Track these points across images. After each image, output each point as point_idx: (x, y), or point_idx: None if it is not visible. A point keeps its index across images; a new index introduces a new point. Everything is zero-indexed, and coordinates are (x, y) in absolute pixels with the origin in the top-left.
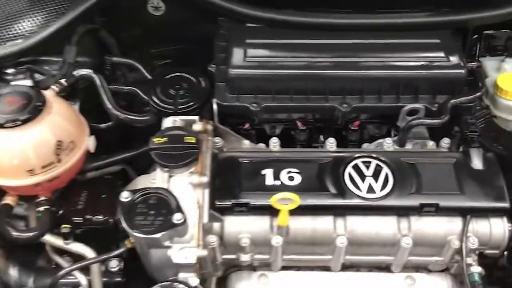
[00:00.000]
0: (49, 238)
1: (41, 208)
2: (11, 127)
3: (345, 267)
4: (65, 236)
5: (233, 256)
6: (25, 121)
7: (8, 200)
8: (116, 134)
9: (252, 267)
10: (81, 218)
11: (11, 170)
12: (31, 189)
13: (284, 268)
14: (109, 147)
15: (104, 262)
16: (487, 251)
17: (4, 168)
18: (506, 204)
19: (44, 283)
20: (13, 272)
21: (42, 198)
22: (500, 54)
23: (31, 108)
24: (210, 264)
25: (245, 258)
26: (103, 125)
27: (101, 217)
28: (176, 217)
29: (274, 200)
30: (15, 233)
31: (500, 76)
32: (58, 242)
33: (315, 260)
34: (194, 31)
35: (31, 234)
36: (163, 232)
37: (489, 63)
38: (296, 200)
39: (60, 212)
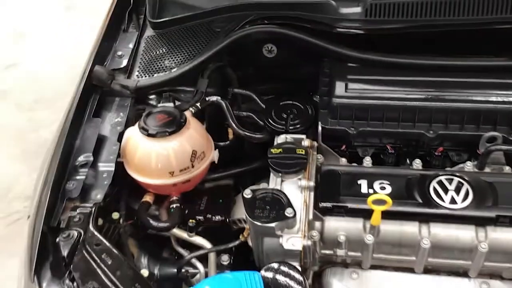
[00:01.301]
0: (176, 231)
1: (174, 205)
2: (160, 137)
3: (427, 270)
4: (190, 229)
5: (330, 252)
6: (171, 133)
7: (147, 198)
8: (229, 153)
9: (344, 265)
10: (202, 217)
11: (157, 171)
12: (169, 188)
13: (373, 267)
14: (222, 164)
15: (218, 255)
16: None
17: (151, 170)
18: None
19: (167, 271)
20: (144, 260)
21: (174, 197)
22: None
23: (176, 124)
24: (311, 256)
25: (340, 253)
26: (221, 143)
27: (219, 217)
28: (288, 211)
29: (370, 200)
30: (154, 223)
31: None
32: (183, 234)
33: (401, 260)
34: (296, 72)
35: (166, 224)
36: (277, 222)
37: None
38: (389, 201)
39: (186, 211)
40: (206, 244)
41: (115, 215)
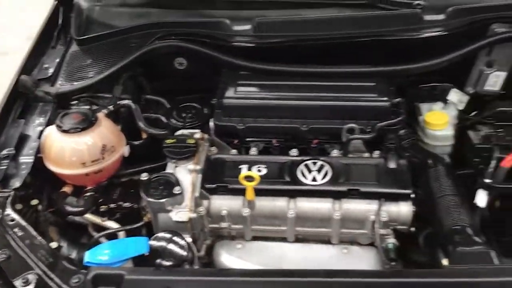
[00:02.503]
0: (91, 217)
1: (88, 194)
2: (73, 132)
3: (298, 239)
4: (102, 214)
5: (217, 225)
6: (83, 129)
7: (66, 189)
8: (144, 151)
9: (231, 238)
10: (115, 204)
11: (71, 162)
12: (83, 178)
13: (254, 238)
14: (140, 161)
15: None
16: (398, 227)
17: (66, 161)
18: (409, 191)
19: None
20: (63, 245)
21: (89, 187)
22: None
23: (88, 122)
24: (200, 228)
25: (224, 225)
26: (136, 142)
27: (128, 204)
28: (176, 189)
29: (241, 177)
30: (69, 208)
31: (428, 113)
32: (97, 219)
33: (275, 230)
34: (206, 82)
35: (79, 209)
36: (167, 199)
37: (423, 106)
38: (257, 178)
39: (101, 200)
40: (116, 226)
41: (34, 202)
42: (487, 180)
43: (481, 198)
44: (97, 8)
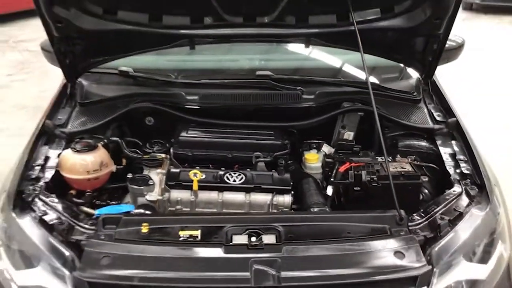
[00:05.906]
0: (84, 208)
1: (87, 194)
2: (82, 152)
3: None
4: (96, 207)
5: (173, 209)
6: (87, 151)
7: (72, 191)
8: (123, 174)
9: None
10: (105, 202)
11: (79, 171)
12: (85, 183)
13: None
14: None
15: None
16: (284, 209)
17: (76, 169)
18: (289, 187)
19: None
20: None
21: (88, 191)
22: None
23: (92, 146)
24: (163, 210)
25: (178, 207)
26: (119, 166)
27: (114, 202)
28: (150, 181)
29: (190, 174)
30: (75, 200)
31: (307, 154)
32: (88, 210)
33: (210, 212)
34: (166, 135)
35: (81, 201)
36: (144, 187)
37: (306, 152)
38: (200, 174)
39: (95, 200)
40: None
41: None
42: (332, 179)
43: (329, 190)
44: (93, 85)
